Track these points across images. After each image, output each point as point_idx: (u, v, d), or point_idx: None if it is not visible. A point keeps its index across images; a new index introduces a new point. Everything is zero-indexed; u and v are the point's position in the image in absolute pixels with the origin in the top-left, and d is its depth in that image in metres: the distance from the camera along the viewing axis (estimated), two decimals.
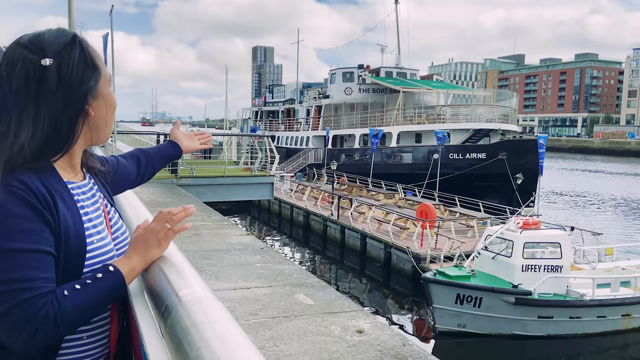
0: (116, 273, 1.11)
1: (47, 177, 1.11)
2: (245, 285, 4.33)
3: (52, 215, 1.07)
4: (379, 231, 18.14)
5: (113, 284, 1.10)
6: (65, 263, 1.08)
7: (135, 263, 1.16)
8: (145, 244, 1.19)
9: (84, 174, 1.28)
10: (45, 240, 1.05)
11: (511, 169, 23.33)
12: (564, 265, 11.71)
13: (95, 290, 1.07)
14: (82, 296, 1.04)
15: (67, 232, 1.09)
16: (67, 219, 1.10)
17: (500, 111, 32.71)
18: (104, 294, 1.08)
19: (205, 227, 6.65)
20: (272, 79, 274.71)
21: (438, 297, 11.66)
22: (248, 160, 16.16)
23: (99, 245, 1.16)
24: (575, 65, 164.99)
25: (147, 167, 1.71)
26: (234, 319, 0.74)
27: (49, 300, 1.00)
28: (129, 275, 1.14)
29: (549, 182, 42.19)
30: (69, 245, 1.09)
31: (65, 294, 1.02)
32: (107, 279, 1.09)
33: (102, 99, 1.19)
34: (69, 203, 1.13)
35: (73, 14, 12.31)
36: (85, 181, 1.26)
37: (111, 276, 1.10)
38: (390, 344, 3.21)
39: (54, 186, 1.11)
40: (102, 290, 1.08)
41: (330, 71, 41.30)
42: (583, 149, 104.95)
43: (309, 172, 32.94)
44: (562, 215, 28.45)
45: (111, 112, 1.23)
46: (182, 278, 0.93)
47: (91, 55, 1.17)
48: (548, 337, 11.71)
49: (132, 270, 1.15)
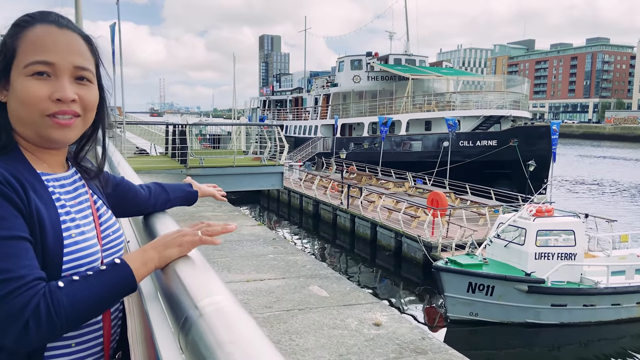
0: (122, 266, 0.99)
1: (16, 166, 1.01)
2: (259, 276, 4.27)
3: (23, 203, 0.96)
4: (389, 220, 18.05)
5: (119, 278, 0.98)
6: (42, 257, 0.96)
7: (149, 258, 1.04)
8: (166, 241, 1.08)
9: (68, 166, 1.17)
10: (20, 225, 0.93)
11: (523, 156, 23.07)
12: (577, 252, 11.58)
13: (97, 284, 0.94)
14: (80, 289, 0.92)
15: (41, 222, 0.97)
16: (40, 209, 0.99)
17: (511, 97, 32.30)
18: (108, 289, 0.96)
19: (216, 218, 6.59)
20: (280, 68, 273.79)
21: (450, 285, 11.59)
22: (257, 149, 16.09)
23: (77, 240, 1.03)
24: (586, 50, 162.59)
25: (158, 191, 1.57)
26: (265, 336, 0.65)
27: (38, 290, 0.88)
28: (139, 270, 1.02)
29: (561, 169, 41.76)
30: (45, 237, 0.97)
31: (59, 285, 0.90)
32: (111, 272, 0.97)
33: (12, 87, 1.04)
34: (42, 193, 1.02)
35: (80, 5, 12.24)
36: (66, 173, 1.15)
37: (117, 269, 0.98)
38: (409, 337, 3.13)
39: (24, 176, 1.00)
40: (106, 284, 0.95)
41: (339, 59, 40.95)
42: (594, 135, 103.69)
43: (318, 161, 32.83)
44: (574, 202, 28.15)
45: (19, 105, 1.04)
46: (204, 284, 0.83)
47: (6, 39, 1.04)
48: (561, 325, 11.62)
49: (143, 265, 1.03)
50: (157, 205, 1.55)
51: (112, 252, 1.16)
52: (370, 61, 38.40)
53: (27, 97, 1.02)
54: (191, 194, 1.68)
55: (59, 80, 1.04)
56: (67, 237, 1.02)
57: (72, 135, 1.09)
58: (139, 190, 1.51)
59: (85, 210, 1.12)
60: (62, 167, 1.15)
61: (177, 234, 1.09)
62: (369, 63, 38.32)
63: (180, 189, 1.67)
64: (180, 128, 14.86)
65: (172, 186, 1.64)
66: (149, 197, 1.53)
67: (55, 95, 1.03)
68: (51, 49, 1.04)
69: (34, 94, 1.02)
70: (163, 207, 1.57)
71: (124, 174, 2.68)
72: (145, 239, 1.37)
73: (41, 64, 1.02)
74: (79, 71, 1.07)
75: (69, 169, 1.17)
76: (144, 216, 1.53)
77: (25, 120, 1.04)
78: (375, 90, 36.78)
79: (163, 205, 1.57)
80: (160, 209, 1.56)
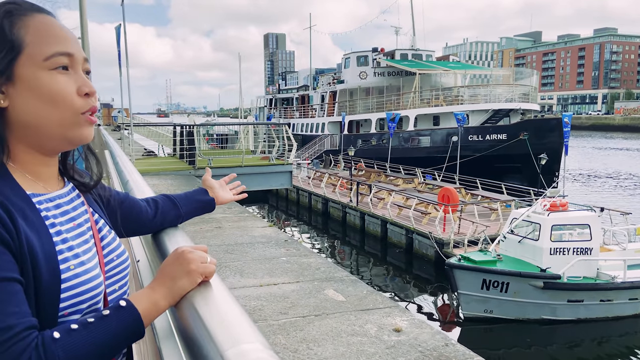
0: (128, 310, 0.85)
1: (2, 188, 0.86)
2: (272, 281, 4.16)
3: (11, 235, 0.81)
4: (400, 216, 17.89)
5: (125, 324, 0.83)
6: (35, 299, 0.82)
7: (159, 297, 0.90)
8: (173, 271, 0.93)
9: (63, 182, 1.02)
10: (7, 263, 0.79)
11: (533, 149, 22.79)
12: (593, 247, 11.38)
13: (99, 333, 0.80)
14: (79, 340, 0.78)
15: (33, 256, 0.83)
16: (32, 240, 0.84)
17: (520, 90, 31.94)
18: (112, 338, 0.81)
19: (227, 220, 6.49)
20: (285, 66, 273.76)
21: (463, 282, 11.43)
22: (265, 149, 15.99)
23: (77, 272, 0.88)
24: (594, 40, 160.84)
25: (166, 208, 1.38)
26: None
27: (29, 343, 0.74)
28: (149, 312, 0.88)
29: (572, 161, 41.33)
30: (38, 273, 0.83)
31: (55, 336, 0.76)
32: (116, 318, 0.83)
33: (24, 86, 0.89)
34: (33, 220, 0.87)
35: (85, 7, 12.17)
36: (62, 191, 0.99)
37: (122, 313, 0.84)
38: (431, 344, 3.00)
39: (11, 200, 0.85)
40: (109, 333, 0.81)
41: (344, 56, 40.73)
42: (604, 126, 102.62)
43: (326, 158, 32.68)
44: (587, 195, 27.80)
45: (46, 103, 0.90)
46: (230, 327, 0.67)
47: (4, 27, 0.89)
48: (578, 321, 11.44)
49: (153, 305, 0.89)
50: (165, 223, 1.37)
51: (117, 279, 1.02)
52: (377, 57, 38.14)
53: (60, 94, 0.90)
54: (207, 204, 1.51)
55: (77, 73, 0.94)
56: (65, 270, 0.87)
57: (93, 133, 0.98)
58: (143, 207, 1.34)
59: (85, 234, 0.97)
60: (57, 183, 1.00)
61: (184, 260, 0.94)
62: (375, 59, 38.07)
63: (195, 199, 1.49)
64: (188, 129, 14.79)
65: (184, 198, 1.46)
66: (155, 215, 1.35)
67: (83, 89, 0.93)
68: (64, 39, 0.93)
69: (66, 89, 0.91)
70: (173, 224, 1.40)
71: (130, 179, 2.57)
72: (156, 258, 1.23)
73: (64, 55, 0.91)
74: (86, 63, 0.97)
75: (65, 185, 1.02)
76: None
77: (52, 122, 0.91)
78: (382, 86, 36.54)
79: (173, 222, 1.40)
80: (171, 226, 1.39)
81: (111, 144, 6.56)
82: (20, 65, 0.88)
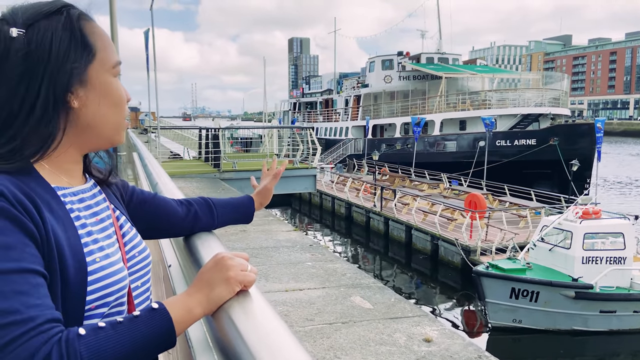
0: (161, 314, 0.81)
1: (27, 181, 0.85)
2: (297, 286, 4.08)
3: (37, 226, 0.80)
4: (425, 222, 17.64)
5: (157, 329, 0.79)
6: (61, 292, 0.81)
7: (195, 304, 0.86)
8: (211, 278, 0.89)
9: (85, 178, 1.02)
10: (31, 256, 0.77)
11: (564, 155, 22.22)
12: (627, 256, 11.01)
13: (127, 335, 0.76)
14: (106, 340, 0.74)
15: (59, 249, 0.82)
16: (58, 232, 0.83)
17: (550, 94, 31.25)
18: (140, 342, 0.77)
19: (251, 223, 6.45)
20: (309, 70, 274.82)
21: (491, 291, 11.16)
22: (289, 152, 15.98)
23: (103, 265, 0.88)
24: (626, 44, 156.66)
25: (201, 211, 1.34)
26: None
27: (52, 336, 0.71)
28: (183, 318, 0.83)
29: (604, 168, 40.26)
30: (64, 266, 0.82)
31: (80, 333, 0.73)
32: (147, 321, 0.79)
33: (94, 89, 0.92)
34: (59, 213, 0.86)
35: (115, 12, 12.37)
36: (85, 186, 0.99)
37: (154, 317, 0.80)
38: (463, 355, 2.88)
39: (37, 192, 0.84)
40: (139, 336, 0.77)
41: (369, 59, 40.59)
42: (636, 132, 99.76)
43: (349, 163, 32.55)
44: (620, 203, 26.98)
45: (108, 107, 0.94)
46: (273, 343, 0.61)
47: (82, 31, 0.91)
48: (610, 333, 11.07)
49: (188, 312, 0.84)
50: (196, 227, 1.31)
51: (139, 275, 1.00)
52: (402, 61, 37.88)
53: (122, 99, 0.98)
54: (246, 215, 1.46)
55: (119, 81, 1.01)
56: (91, 263, 0.86)
57: None
58: (173, 207, 1.29)
59: (108, 229, 0.96)
60: (81, 179, 1.00)
61: (223, 267, 0.89)
62: (400, 63, 37.81)
63: (233, 207, 1.42)
64: (214, 132, 14.89)
65: (223, 205, 1.39)
66: (186, 216, 1.30)
67: (128, 96, 1.00)
68: (114, 48, 0.98)
69: (123, 95, 0.98)
70: (206, 228, 1.34)
71: (160, 181, 2.53)
72: (188, 263, 1.16)
73: (120, 64, 0.98)
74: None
75: (87, 181, 1.02)
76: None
77: (111, 124, 0.96)
78: (407, 90, 36.25)
79: (206, 227, 1.34)
80: (203, 230, 1.33)
81: (139, 146, 6.60)
82: (93, 69, 0.92)
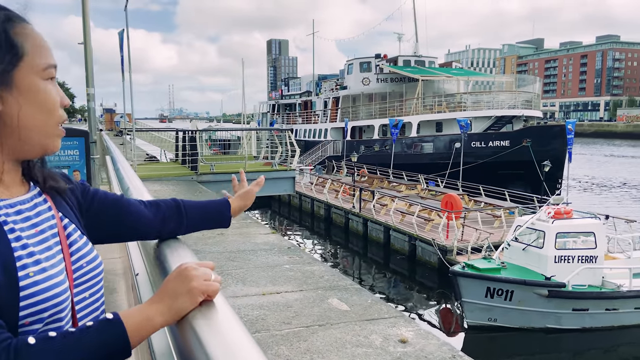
0: (114, 324, 0.80)
1: None
2: (275, 289, 4.08)
3: None
4: (403, 223, 17.80)
5: (108, 338, 0.78)
6: None
7: (156, 313, 0.85)
8: (174, 288, 0.88)
9: (28, 187, 0.98)
10: None
11: (536, 156, 22.71)
12: (598, 255, 11.28)
13: (77, 345, 0.75)
14: (55, 349, 0.73)
15: None
16: None
17: (523, 97, 31.91)
18: (91, 353, 0.76)
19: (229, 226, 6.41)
20: (288, 72, 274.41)
21: (467, 290, 11.32)
22: (268, 154, 15.94)
23: (37, 280, 0.84)
24: (596, 47, 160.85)
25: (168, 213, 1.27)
26: None
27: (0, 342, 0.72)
28: (141, 328, 0.83)
29: (575, 168, 41.21)
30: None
31: (29, 342, 0.73)
32: (98, 331, 0.78)
33: (19, 92, 0.89)
34: None
35: (87, 12, 12.16)
36: (25, 196, 0.95)
37: (106, 327, 0.79)
38: (438, 355, 2.92)
39: None
40: (90, 346, 0.76)
41: (347, 62, 40.76)
42: (606, 133, 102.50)
43: (329, 164, 32.63)
44: (590, 203, 27.66)
45: (37, 112, 0.91)
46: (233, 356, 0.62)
47: (7, 32, 0.88)
48: (583, 330, 11.32)
49: (147, 321, 0.84)
50: (163, 231, 1.26)
51: (87, 286, 0.97)
52: (379, 63, 38.16)
53: (50, 103, 0.93)
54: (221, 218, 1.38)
55: (56, 85, 0.96)
56: (23, 278, 0.83)
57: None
58: (140, 210, 1.23)
59: (49, 240, 0.93)
60: (20, 188, 0.96)
61: (186, 278, 0.89)
62: (378, 65, 38.09)
63: (206, 210, 1.35)
64: (191, 134, 14.75)
65: (196, 206, 1.33)
66: (153, 219, 1.24)
67: (64, 101, 0.96)
68: (50, 51, 0.95)
69: (55, 99, 0.93)
70: (175, 232, 1.28)
71: (131, 185, 2.51)
72: (156, 273, 1.15)
73: (53, 67, 0.94)
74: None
75: (30, 189, 0.98)
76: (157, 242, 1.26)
77: (39, 130, 0.92)
78: (385, 92, 36.52)
79: (174, 231, 1.28)
80: (172, 233, 1.27)
81: (113, 149, 6.51)
82: (20, 71, 0.89)
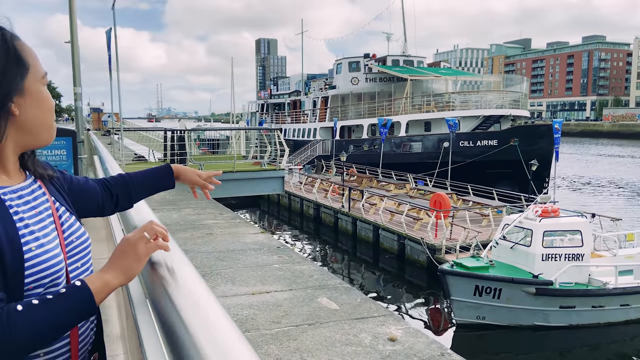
0: (82, 289, 1.00)
1: None
2: (264, 289, 4.08)
3: None
4: (392, 222, 17.86)
5: (79, 302, 0.99)
6: (3, 276, 0.97)
7: (111, 277, 1.07)
8: (123, 256, 1.11)
9: (25, 175, 1.18)
10: None
11: (524, 155, 22.90)
12: (585, 253, 11.41)
13: (56, 308, 0.95)
14: (39, 313, 0.93)
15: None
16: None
17: (511, 97, 32.17)
18: (67, 313, 0.97)
19: (218, 226, 6.39)
20: (277, 71, 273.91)
21: (456, 289, 11.40)
22: (257, 154, 15.90)
23: (37, 253, 1.04)
24: (582, 48, 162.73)
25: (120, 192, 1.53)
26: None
27: None
28: (100, 291, 1.04)
29: (562, 168, 41.67)
30: (3, 255, 0.97)
31: (18, 309, 0.91)
32: (71, 296, 0.98)
33: (30, 97, 1.10)
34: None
35: (74, 11, 12.04)
36: (24, 183, 1.15)
37: (77, 292, 1.00)
38: (427, 353, 2.94)
39: None
40: (65, 308, 0.97)
41: (336, 61, 40.78)
42: (593, 132, 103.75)
43: (318, 164, 32.62)
44: (577, 201, 27.99)
45: (43, 112, 1.13)
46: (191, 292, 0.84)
47: (16, 49, 1.08)
48: (570, 328, 11.45)
49: (105, 285, 1.05)
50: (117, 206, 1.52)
51: (78, 257, 1.18)
52: (368, 63, 38.23)
53: (50, 104, 1.15)
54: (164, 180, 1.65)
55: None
56: (27, 252, 1.02)
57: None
58: (97, 188, 1.48)
59: (45, 220, 1.12)
60: (19, 176, 1.16)
61: (128, 246, 1.12)
62: (366, 65, 38.16)
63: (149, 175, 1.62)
64: (179, 134, 14.66)
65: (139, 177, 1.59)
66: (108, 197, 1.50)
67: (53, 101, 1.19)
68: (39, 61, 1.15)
69: (52, 100, 1.16)
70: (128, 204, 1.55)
71: None
72: None
73: (46, 74, 1.16)
74: None
75: (27, 178, 1.17)
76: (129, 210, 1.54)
77: (46, 127, 1.14)
78: (374, 91, 36.63)
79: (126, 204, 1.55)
80: (128, 206, 1.56)
81: (100, 149, 6.45)
82: (28, 81, 1.09)
